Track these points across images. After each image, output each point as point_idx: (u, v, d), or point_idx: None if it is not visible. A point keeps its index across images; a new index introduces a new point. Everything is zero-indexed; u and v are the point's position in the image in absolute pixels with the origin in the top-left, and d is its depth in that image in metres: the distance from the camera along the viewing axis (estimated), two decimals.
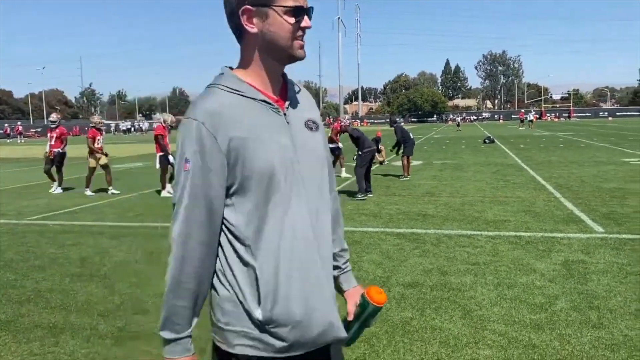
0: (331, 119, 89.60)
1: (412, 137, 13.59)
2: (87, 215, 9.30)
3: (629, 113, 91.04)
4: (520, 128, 49.48)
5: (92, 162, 12.08)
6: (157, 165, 11.57)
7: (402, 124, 16.46)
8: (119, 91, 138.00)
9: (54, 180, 12.60)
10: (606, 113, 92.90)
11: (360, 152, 10.57)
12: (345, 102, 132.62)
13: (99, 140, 12.20)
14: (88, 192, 11.87)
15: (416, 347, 3.61)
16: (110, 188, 11.99)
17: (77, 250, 6.68)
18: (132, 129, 77.90)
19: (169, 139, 11.65)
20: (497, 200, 9.61)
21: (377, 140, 18.22)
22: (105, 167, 12.16)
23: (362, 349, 3.60)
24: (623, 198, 9.30)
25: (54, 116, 13.15)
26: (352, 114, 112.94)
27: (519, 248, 6.15)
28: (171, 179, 11.33)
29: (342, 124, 13.33)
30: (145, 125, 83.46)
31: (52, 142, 12.56)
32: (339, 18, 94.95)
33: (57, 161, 12.52)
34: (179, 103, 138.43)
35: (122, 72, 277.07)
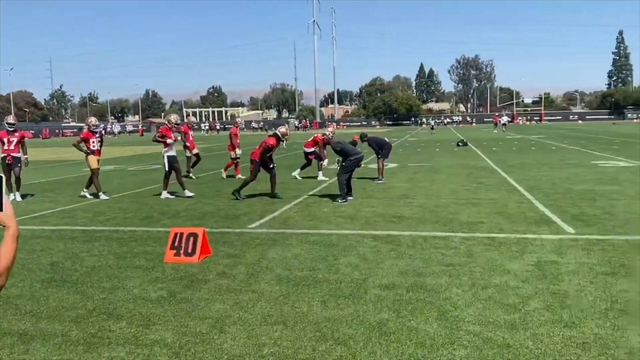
0: (307, 121, 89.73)
1: (387, 141, 13.67)
2: (58, 220, 9.09)
3: (598, 116, 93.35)
4: (495, 131, 50.27)
5: (93, 163, 11.38)
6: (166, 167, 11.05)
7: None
8: (90, 93, 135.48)
9: (11, 190, 11.37)
10: (576, 116, 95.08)
11: (344, 162, 10.33)
12: (321, 105, 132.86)
13: (93, 142, 11.54)
14: (102, 196, 11.30)
15: (393, 349, 3.62)
16: (84, 191, 11.66)
17: (48, 255, 6.52)
18: (104, 131, 76.56)
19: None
20: (470, 202, 9.73)
21: (353, 144, 18.28)
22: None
23: (339, 351, 3.60)
24: (593, 200, 9.52)
25: (11, 119, 12.15)
26: (329, 116, 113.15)
27: (493, 249, 6.24)
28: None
29: (325, 137, 13.23)
30: (117, 128, 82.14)
31: (12, 147, 11.63)
32: (314, 21, 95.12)
33: (15, 165, 11.54)
34: (152, 105, 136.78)
35: (94, 74, 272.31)
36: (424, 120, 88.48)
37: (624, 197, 9.76)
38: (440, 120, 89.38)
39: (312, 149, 13.86)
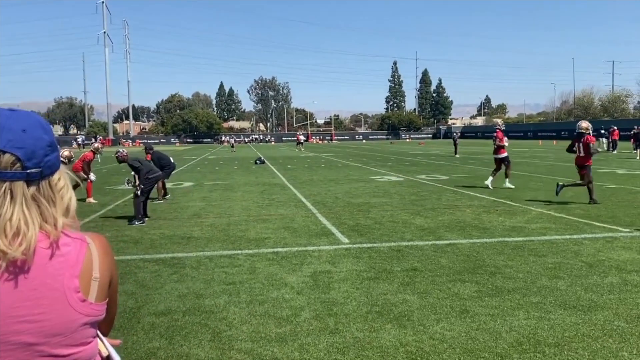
0: (101, 137, 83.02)
1: (172, 161, 13.39)
2: None
3: (378, 136, 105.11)
4: (296, 149, 52.79)
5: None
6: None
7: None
8: None
9: None
10: (361, 136, 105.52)
11: (141, 184, 9.77)
12: (115, 121, 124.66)
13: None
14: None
15: None
16: None
17: None
18: None
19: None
20: (261, 218, 9.96)
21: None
22: None
23: None
24: (367, 211, 10.53)
25: None
26: (123, 133, 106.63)
27: (275, 263, 6.43)
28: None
29: (119, 154, 11.05)
30: None
31: None
32: (104, 32, 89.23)
33: None
34: None
35: None
36: (223, 138, 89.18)
37: (392, 207, 10.99)
38: (241, 139, 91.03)
39: (505, 154, 14.17)
